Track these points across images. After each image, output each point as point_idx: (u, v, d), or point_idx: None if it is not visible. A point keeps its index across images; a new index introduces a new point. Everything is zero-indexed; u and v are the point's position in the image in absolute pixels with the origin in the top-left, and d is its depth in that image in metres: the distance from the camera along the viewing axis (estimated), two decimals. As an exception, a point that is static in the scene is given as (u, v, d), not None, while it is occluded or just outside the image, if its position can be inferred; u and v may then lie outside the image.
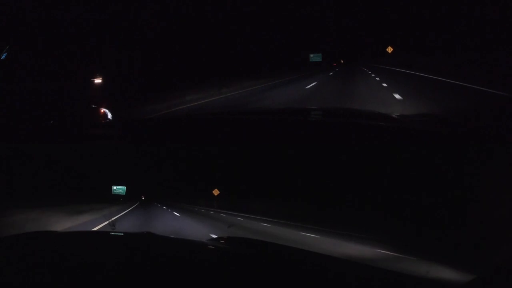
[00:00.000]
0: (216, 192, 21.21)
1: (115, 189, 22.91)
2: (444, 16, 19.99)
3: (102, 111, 3.22)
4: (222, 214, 15.42)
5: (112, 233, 1.87)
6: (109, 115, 2.94)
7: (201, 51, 15.06)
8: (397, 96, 7.80)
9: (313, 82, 14.59)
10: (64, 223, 8.11)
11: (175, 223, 10.31)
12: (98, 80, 9.46)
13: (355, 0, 31.34)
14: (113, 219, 9.97)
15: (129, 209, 17.88)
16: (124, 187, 23.16)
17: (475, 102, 6.39)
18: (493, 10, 15.48)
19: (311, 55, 33.00)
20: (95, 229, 7.72)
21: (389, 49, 29.06)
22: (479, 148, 2.04)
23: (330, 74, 21.99)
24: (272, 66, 22.18)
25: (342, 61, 48.91)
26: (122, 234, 2.00)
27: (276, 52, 26.35)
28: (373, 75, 17.03)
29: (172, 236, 2.04)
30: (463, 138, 1.93)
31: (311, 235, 7.11)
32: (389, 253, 4.45)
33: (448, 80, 10.94)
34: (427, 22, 22.53)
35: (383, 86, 11.06)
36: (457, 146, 2.01)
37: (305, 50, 34.35)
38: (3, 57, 6.07)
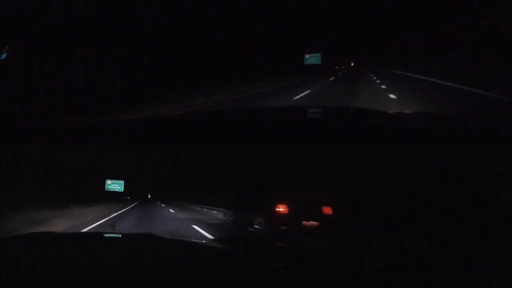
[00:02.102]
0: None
1: (109, 184, 17.88)
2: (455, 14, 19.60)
3: None
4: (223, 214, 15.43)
5: (113, 235, 1.87)
6: None
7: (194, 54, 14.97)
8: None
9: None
10: (64, 223, 8.10)
11: (176, 223, 10.32)
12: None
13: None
14: (112, 216, 9.97)
15: (129, 207, 17.76)
16: (121, 182, 18.11)
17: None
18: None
19: (307, 56, 25.48)
20: (94, 225, 7.74)
21: None
22: (479, 148, 2.03)
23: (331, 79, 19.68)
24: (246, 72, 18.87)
25: (352, 63, 43.11)
26: (123, 235, 2.00)
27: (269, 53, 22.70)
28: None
29: (173, 237, 2.04)
30: (463, 138, 1.92)
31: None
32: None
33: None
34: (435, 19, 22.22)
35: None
36: (457, 146, 2.00)
37: (303, 50, 27.90)
38: (3, 57, 6.06)
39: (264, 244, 1.82)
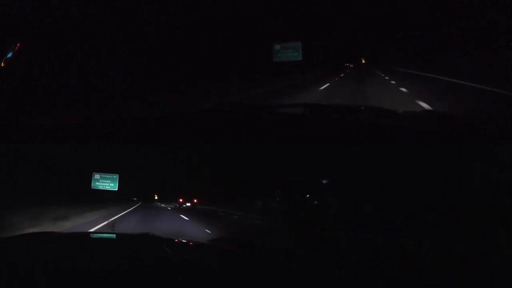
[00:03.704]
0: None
1: (97, 180, 12.79)
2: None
3: None
4: (220, 214, 15.57)
5: (113, 235, 1.87)
6: None
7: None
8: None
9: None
10: (65, 224, 8.10)
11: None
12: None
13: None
14: (113, 219, 9.97)
15: (131, 209, 17.79)
16: (115, 176, 12.99)
17: None
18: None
19: (277, 47, 15.09)
20: (95, 228, 7.75)
21: None
22: (479, 148, 2.03)
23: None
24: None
25: (363, 61, 40.43)
26: (123, 235, 2.00)
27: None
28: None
29: (173, 237, 2.04)
30: (464, 137, 1.92)
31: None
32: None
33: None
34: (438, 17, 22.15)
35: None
36: (457, 146, 2.00)
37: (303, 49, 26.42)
38: (9, 55, 6.04)
39: (263, 245, 1.82)
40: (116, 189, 12.67)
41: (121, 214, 13.19)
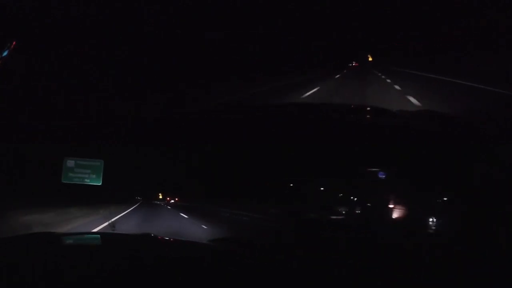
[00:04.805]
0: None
1: (71, 169, 7.68)
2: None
3: None
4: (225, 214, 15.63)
5: (113, 235, 1.87)
6: None
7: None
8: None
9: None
10: (66, 224, 8.10)
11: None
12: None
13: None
14: (113, 220, 9.95)
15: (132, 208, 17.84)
16: (98, 163, 7.86)
17: None
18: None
19: None
20: (96, 230, 7.75)
21: None
22: (479, 148, 2.03)
23: None
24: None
25: (370, 59, 39.53)
26: (123, 235, 2.00)
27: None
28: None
29: (172, 237, 2.04)
30: (464, 137, 1.92)
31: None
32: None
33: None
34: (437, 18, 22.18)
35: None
36: (457, 146, 2.00)
37: (303, 49, 26.42)
38: (5, 54, 6.02)
39: (263, 244, 1.82)
40: (100, 183, 8.51)
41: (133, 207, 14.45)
